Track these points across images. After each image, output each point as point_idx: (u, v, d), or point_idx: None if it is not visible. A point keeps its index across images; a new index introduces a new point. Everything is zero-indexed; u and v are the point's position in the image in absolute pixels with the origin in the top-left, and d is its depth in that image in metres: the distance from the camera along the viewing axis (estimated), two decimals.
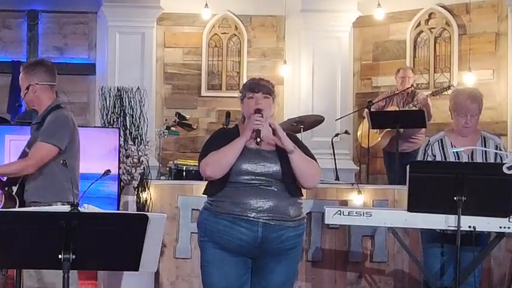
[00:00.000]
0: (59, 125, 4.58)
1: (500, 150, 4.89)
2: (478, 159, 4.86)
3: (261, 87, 4.28)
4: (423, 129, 7.86)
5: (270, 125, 4.20)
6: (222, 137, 4.30)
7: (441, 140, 4.96)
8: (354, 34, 9.54)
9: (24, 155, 4.62)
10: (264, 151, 4.25)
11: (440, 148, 4.93)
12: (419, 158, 5.00)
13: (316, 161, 4.35)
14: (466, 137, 4.91)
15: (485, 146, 4.89)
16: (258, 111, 4.20)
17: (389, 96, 8.20)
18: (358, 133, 8.57)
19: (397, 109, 7.99)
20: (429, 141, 5.00)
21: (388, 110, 8.10)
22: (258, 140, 4.13)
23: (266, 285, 4.27)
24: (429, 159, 4.94)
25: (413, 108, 7.81)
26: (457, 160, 4.84)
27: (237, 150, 4.17)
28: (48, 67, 4.74)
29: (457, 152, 4.85)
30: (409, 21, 9.35)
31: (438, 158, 4.91)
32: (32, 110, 4.80)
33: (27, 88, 4.65)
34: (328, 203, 6.04)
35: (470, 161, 4.84)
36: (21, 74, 4.73)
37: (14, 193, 4.56)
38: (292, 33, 9.50)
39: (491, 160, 4.84)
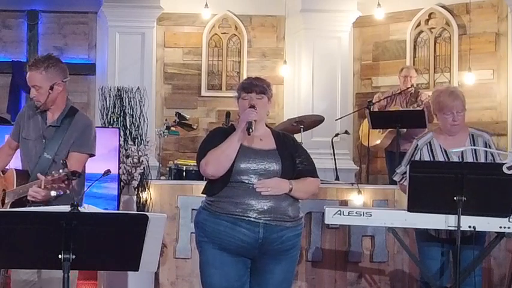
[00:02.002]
0: (90, 133, 4.48)
1: (489, 146, 4.86)
2: (469, 158, 4.84)
3: (254, 87, 4.28)
4: (426, 130, 7.85)
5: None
6: (218, 135, 4.30)
7: (429, 142, 4.92)
8: (354, 34, 9.55)
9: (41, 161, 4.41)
10: (264, 150, 4.25)
11: (429, 151, 4.90)
12: (405, 162, 4.97)
13: (315, 166, 4.39)
14: (454, 137, 4.89)
15: (474, 144, 4.86)
16: (252, 106, 4.23)
17: (390, 96, 8.19)
18: (360, 133, 8.56)
19: (399, 109, 7.99)
20: (417, 145, 4.94)
21: (388, 110, 8.10)
22: (250, 131, 4.14)
23: (265, 285, 4.27)
24: None
25: (417, 108, 7.80)
26: (446, 160, 4.82)
27: (234, 144, 4.18)
28: (62, 63, 4.53)
29: (445, 152, 4.83)
30: (409, 21, 9.36)
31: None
32: (44, 110, 4.46)
33: (52, 88, 4.38)
34: (328, 203, 6.04)
35: (460, 160, 4.82)
36: (37, 73, 4.36)
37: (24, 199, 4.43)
38: (292, 33, 9.50)
39: (482, 158, 4.83)
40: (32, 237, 3.23)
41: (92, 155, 4.47)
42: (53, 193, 4.13)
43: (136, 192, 6.32)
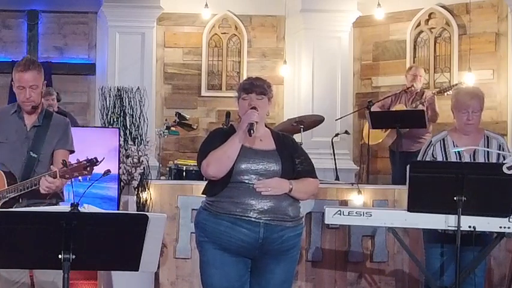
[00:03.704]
0: (70, 131, 4.63)
1: (503, 149, 4.86)
2: (481, 159, 4.85)
3: (254, 88, 4.28)
4: (430, 129, 7.83)
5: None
6: (219, 136, 4.30)
7: (443, 139, 4.94)
8: (354, 34, 9.55)
9: (29, 158, 4.50)
10: (264, 151, 4.26)
11: (442, 148, 4.91)
12: (419, 158, 5.00)
13: (314, 167, 4.39)
14: (468, 136, 4.89)
15: (488, 146, 4.87)
16: (253, 107, 4.23)
17: (395, 94, 8.17)
18: (364, 132, 8.54)
19: (404, 108, 7.97)
20: (431, 141, 4.98)
21: (387, 110, 8.09)
22: (252, 132, 4.15)
23: (266, 285, 4.27)
24: (428, 159, 4.93)
25: (420, 107, 7.77)
26: (458, 160, 4.82)
27: (235, 145, 4.18)
28: None
29: (458, 151, 4.83)
30: (409, 21, 9.36)
31: (440, 159, 4.89)
32: (32, 109, 4.58)
33: (43, 86, 4.59)
34: (328, 203, 6.04)
35: (472, 160, 4.83)
36: (35, 72, 4.51)
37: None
38: (292, 33, 9.51)
39: (494, 160, 4.82)
40: (32, 237, 3.23)
41: (72, 152, 4.59)
42: (68, 182, 4.28)
43: (136, 192, 6.32)
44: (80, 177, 4.22)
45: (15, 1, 9.37)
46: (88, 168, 4.16)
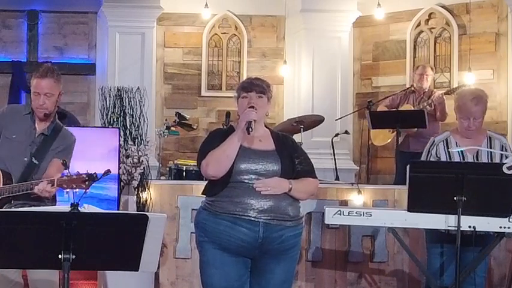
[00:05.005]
0: (73, 149, 4.69)
1: (506, 150, 4.86)
2: (484, 159, 4.85)
3: (254, 87, 4.29)
4: (440, 130, 7.80)
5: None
6: (218, 136, 4.31)
7: (446, 140, 4.94)
8: (354, 34, 9.55)
9: (31, 164, 4.56)
10: (263, 151, 4.26)
11: (446, 148, 4.91)
12: (423, 158, 5.00)
13: (313, 167, 4.39)
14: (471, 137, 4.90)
15: (490, 146, 4.87)
16: (251, 106, 4.24)
17: (395, 94, 8.16)
18: (370, 132, 8.52)
19: (412, 108, 7.96)
20: (434, 141, 4.98)
21: (387, 110, 8.09)
22: (250, 130, 4.15)
23: (266, 285, 4.27)
24: (432, 159, 4.93)
25: (428, 108, 7.76)
26: (461, 160, 4.82)
27: (234, 144, 4.18)
28: None
29: (461, 152, 4.83)
30: (409, 21, 9.36)
31: (443, 158, 4.89)
32: (44, 116, 4.61)
33: (59, 96, 4.61)
34: (328, 203, 6.04)
35: (475, 161, 4.83)
36: (52, 81, 4.53)
37: None
38: (292, 33, 9.51)
39: (497, 160, 4.82)
40: (32, 237, 3.23)
41: (66, 167, 4.58)
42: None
43: (136, 192, 6.32)
44: (76, 190, 4.25)
45: (15, 1, 9.36)
46: (86, 183, 4.22)
